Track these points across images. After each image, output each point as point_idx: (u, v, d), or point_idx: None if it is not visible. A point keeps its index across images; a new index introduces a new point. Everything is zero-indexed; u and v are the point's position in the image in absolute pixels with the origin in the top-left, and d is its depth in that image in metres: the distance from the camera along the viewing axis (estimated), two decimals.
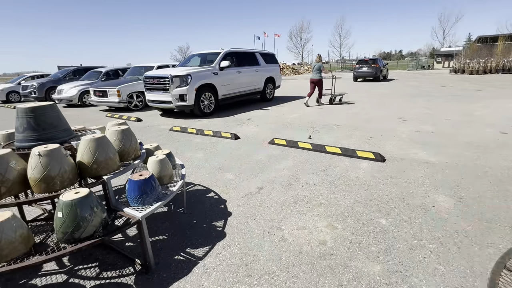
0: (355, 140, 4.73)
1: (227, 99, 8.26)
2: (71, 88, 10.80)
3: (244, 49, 9.31)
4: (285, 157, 3.97)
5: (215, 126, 6.24)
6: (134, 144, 2.20)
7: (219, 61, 7.88)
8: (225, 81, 7.97)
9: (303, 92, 12.75)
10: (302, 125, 6.05)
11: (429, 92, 11.20)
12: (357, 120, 6.35)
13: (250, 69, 9.13)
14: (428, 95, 10.14)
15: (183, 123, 6.72)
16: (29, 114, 1.82)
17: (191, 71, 7.15)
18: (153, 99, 7.52)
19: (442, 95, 10.14)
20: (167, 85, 7.05)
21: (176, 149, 4.58)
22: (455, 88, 12.44)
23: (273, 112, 7.88)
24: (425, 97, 9.65)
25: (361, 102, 9.16)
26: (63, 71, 14.19)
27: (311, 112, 7.61)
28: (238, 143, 4.83)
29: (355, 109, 7.76)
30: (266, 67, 9.95)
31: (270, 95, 10.40)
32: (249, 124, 6.39)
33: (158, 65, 10.06)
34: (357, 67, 18.81)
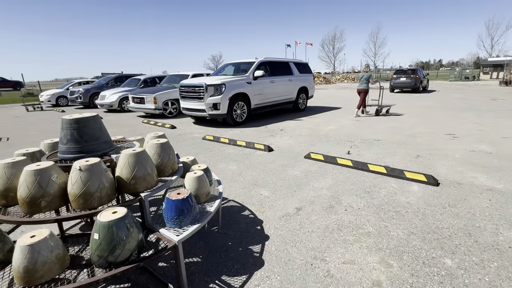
0: (399, 158, 4.32)
1: (260, 109, 8.16)
2: (112, 94, 11.43)
3: (278, 59, 9.20)
4: (324, 174, 3.70)
5: (247, 137, 6.13)
6: (172, 158, 2.11)
7: (253, 71, 7.83)
8: (258, 90, 7.90)
9: (336, 102, 12.31)
10: (338, 138, 5.73)
11: (478, 105, 10.22)
12: (399, 135, 5.88)
13: (284, 78, 8.98)
14: (478, 109, 9.23)
15: (215, 132, 6.70)
16: (73, 126, 1.80)
17: (225, 80, 7.16)
18: (187, 107, 7.64)
19: (494, 109, 9.18)
20: (201, 93, 7.12)
21: (209, 160, 4.50)
22: (508, 102, 11.25)
23: (307, 123, 7.62)
24: (474, 111, 8.78)
25: (403, 115, 8.56)
26: (106, 78, 15.15)
27: (347, 124, 7.23)
28: (272, 155, 4.64)
29: (396, 123, 7.24)
30: (300, 77, 9.75)
31: (303, 105, 10.15)
32: (282, 135, 6.19)
33: (193, 73, 10.30)
34: (394, 77, 17.90)
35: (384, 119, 7.90)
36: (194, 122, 8.24)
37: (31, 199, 1.50)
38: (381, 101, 8.66)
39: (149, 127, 7.73)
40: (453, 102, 11.48)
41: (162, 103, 9.20)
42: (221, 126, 7.47)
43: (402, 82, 17.23)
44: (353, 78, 41.90)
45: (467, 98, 13.01)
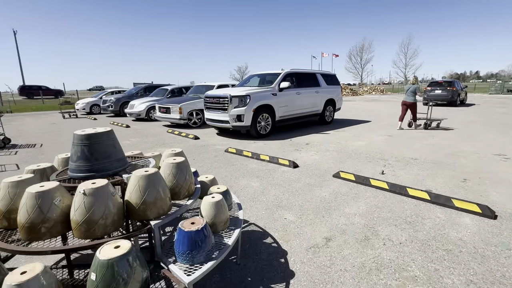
0: (443, 181, 3.82)
1: (284, 121, 7.90)
2: (140, 103, 11.78)
3: (305, 70, 8.95)
4: (356, 198, 3.32)
5: (271, 150, 5.87)
6: (189, 179, 1.90)
7: (279, 82, 7.63)
8: (283, 102, 7.66)
9: (364, 116, 11.71)
10: (370, 155, 5.29)
11: (494, 119, 9.18)
12: (439, 153, 5.31)
13: (310, 90, 8.68)
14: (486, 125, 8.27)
15: (238, 144, 6.52)
16: (84, 142, 1.66)
17: (250, 91, 7.01)
18: (211, 118, 7.57)
19: None
20: (226, 104, 7.02)
21: (231, 174, 4.29)
22: None
23: (334, 137, 7.21)
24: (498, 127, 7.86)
25: (439, 130, 7.87)
26: (136, 88, 15.77)
27: (378, 140, 6.73)
28: (297, 172, 4.33)
29: (434, 139, 6.61)
30: (327, 89, 9.40)
31: (330, 118, 9.74)
32: (308, 150, 5.85)
33: (218, 84, 10.33)
34: (428, 89, 16.85)
35: (421, 135, 7.28)
36: (217, 133, 8.14)
37: (30, 224, 1.35)
38: (430, 114, 8.25)
39: (173, 137, 7.74)
40: (497, 118, 10.44)
41: (187, 113, 9.26)
42: (244, 138, 7.29)
43: (438, 94, 16.16)
44: (382, 90, 40.40)
45: (502, 111, 11.82)
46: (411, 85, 8.06)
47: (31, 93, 33.06)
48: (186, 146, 6.48)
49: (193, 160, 5.19)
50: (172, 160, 1.88)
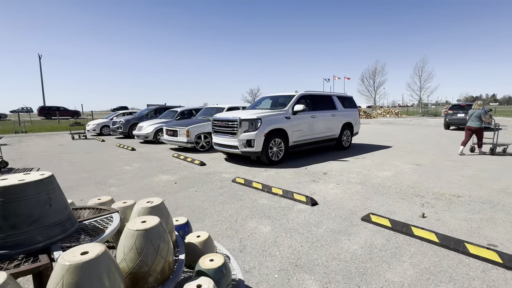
0: (506, 231, 2.99)
1: (298, 146, 7.24)
2: (148, 125, 11.47)
3: (320, 92, 8.40)
4: (397, 255, 2.55)
5: (284, 181, 5.17)
6: (166, 254, 1.24)
7: (293, 105, 7.07)
8: (297, 126, 7.05)
9: (383, 140, 10.87)
10: (401, 190, 4.49)
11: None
12: (483, 189, 4.46)
13: (326, 113, 8.07)
14: None
15: (247, 173, 5.86)
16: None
17: (262, 114, 6.46)
18: (219, 143, 7.01)
19: None
20: (235, 128, 6.47)
21: (237, 213, 3.60)
22: None
23: (354, 165, 6.45)
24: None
25: (473, 159, 6.97)
26: (146, 109, 15.65)
27: (406, 169, 5.92)
28: (316, 212, 3.59)
29: (471, 170, 5.75)
30: (344, 112, 8.77)
31: (347, 143, 9.01)
32: (327, 181, 5.12)
33: (228, 106, 9.90)
34: (450, 113, 15.97)
35: (454, 164, 6.42)
36: (225, 159, 7.54)
37: None
38: (497, 139, 7.77)
39: (178, 162, 7.18)
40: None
41: (195, 137, 8.77)
42: (254, 165, 6.64)
43: (461, 118, 15.19)
44: (397, 113, 39.40)
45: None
46: (476, 110, 7.63)
47: (50, 114, 34.03)
48: (190, 173, 5.87)
49: (195, 192, 4.54)
50: (138, 227, 1.22)
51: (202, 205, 3.94)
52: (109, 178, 5.59)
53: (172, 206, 3.92)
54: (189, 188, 4.81)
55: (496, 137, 7.78)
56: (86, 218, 1.41)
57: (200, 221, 3.39)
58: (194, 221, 3.39)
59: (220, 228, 3.17)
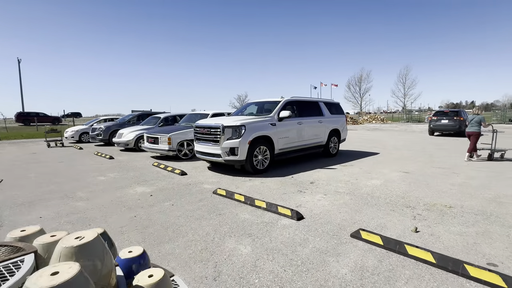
0: (504, 246, 2.78)
1: (284, 154, 6.97)
2: (129, 132, 10.95)
3: (307, 98, 8.21)
4: (391, 279, 2.27)
5: (269, 191, 4.86)
6: None
7: (278, 111, 6.82)
8: (283, 133, 6.79)
9: (370, 146, 10.77)
10: (390, 200, 4.27)
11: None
12: (475, 198, 4.30)
13: (313, 120, 7.87)
14: None
15: (231, 183, 5.52)
16: None
17: (246, 121, 6.16)
18: (201, 151, 6.64)
19: None
20: (217, 136, 6.13)
21: (215, 231, 3.24)
22: None
23: (342, 173, 6.23)
24: None
25: (460, 166, 6.90)
26: (128, 115, 15.07)
27: (394, 178, 5.74)
28: (302, 228, 3.29)
29: (459, 178, 5.63)
30: (331, 118, 8.60)
31: (334, 150, 8.82)
32: (314, 191, 4.85)
33: (213, 112, 9.56)
34: (434, 119, 16.19)
35: (442, 171, 6.30)
36: (209, 167, 7.17)
37: None
38: (495, 144, 7.91)
39: (157, 171, 6.75)
40: None
41: (177, 144, 8.37)
42: (238, 174, 6.30)
43: (444, 124, 15.45)
44: (382, 119, 40.13)
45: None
46: (475, 115, 7.84)
47: (28, 120, 32.55)
48: (168, 184, 5.47)
49: (171, 206, 4.16)
50: (45, 279, 0.86)
51: (177, 221, 3.56)
52: (78, 191, 5.12)
53: (143, 223, 3.52)
54: (165, 201, 4.42)
55: (494, 142, 7.87)
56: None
57: (172, 241, 3.01)
58: (165, 241, 3.01)
59: (194, 250, 2.81)
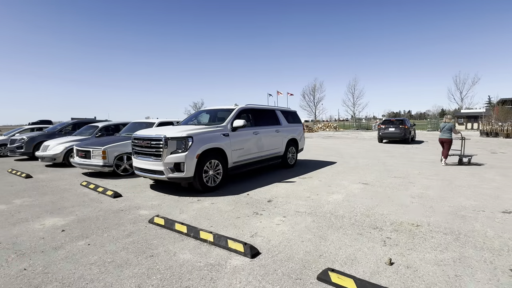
0: (487, 278, 2.41)
1: (240, 167, 6.26)
2: (57, 144, 9.22)
3: (263, 106, 7.67)
4: None
5: (220, 215, 4.08)
6: None
7: (232, 120, 6.12)
8: (238, 144, 6.10)
9: (327, 154, 10.66)
10: (356, 221, 3.81)
11: (488, 161, 8.93)
12: (437, 212, 4.08)
13: (270, 129, 7.33)
14: (493, 166, 7.86)
15: (174, 206, 4.60)
16: None
17: (194, 131, 5.33)
18: (140, 167, 5.59)
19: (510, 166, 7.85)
20: (159, 149, 5.18)
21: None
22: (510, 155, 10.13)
23: (301, 187, 5.73)
24: (493, 169, 7.37)
25: (413, 174, 6.95)
26: (61, 124, 13.00)
27: (356, 191, 5.41)
28: (258, 272, 2.58)
29: (415, 188, 5.52)
30: (288, 127, 8.19)
31: (293, 160, 8.40)
32: (272, 212, 4.20)
33: (160, 121, 8.49)
34: (382, 127, 17.08)
35: (399, 181, 6.20)
36: (152, 185, 6.12)
37: None
38: (463, 150, 8.57)
39: (84, 194, 5.49)
40: None
41: (114, 158, 7.12)
42: (185, 193, 5.40)
43: (392, 132, 16.35)
44: (335, 127, 42.15)
45: None
46: (447, 123, 8.37)
47: None
48: (93, 212, 4.34)
49: (86, 247, 3.12)
50: None
51: (87, 273, 2.57)
52: None
53: (33, 281, 2.46)
54: (80, 239, 3.35)
55: (463, 148, 8.54)
56: None
57: None
58: None
59: None
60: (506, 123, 22.06)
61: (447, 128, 8.28)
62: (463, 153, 8.46)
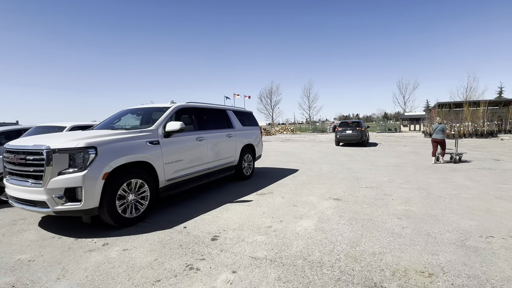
0: None
1: (177, 186, 4.64)
2: None
3: (209, 105, 6.13)
4: None
5: (127, 280, 2.45)
6: None
7: (164, 122, 4.49)
8: (173, 155, 4.48)
9: (288, 160, 9.52)
10: (340, 270, 2.52)
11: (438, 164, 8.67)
12: (443, 243, 3.03)
13: (219, 134, 5.85)
14: (459, 168, 7.49)
15: (54, 263, 2.82)
16: None
17: (98, 139, 3.57)
18: (14, 195, 3.62)
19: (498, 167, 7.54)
20: (39, 167, 3.33)
21: None
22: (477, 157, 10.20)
23: (260, 210, 4.35)
24: (462, 172, 6.92)
25: (384, 182, 6.07)
26: None
27: (328, 213, 4.20)
28: None
29: (396, 202, 4.53)
30: (243, 131, 6.79)
31: (249, 170, 7.02)
32: (215, 262, 2.71)
33: (72, 125, 6.39)
34: (339, 130, 16.68)
35: (373, 193, 5.20)
36: (43, 219, 4.16)
37: None
38: (457, 149, 9.18)
39: None
40: (415, 158, 9.88)
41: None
42: (89, 230, 3.61)
43: (349, 135, 16.02)
44: (292, 130, 42.29)
45: (420, 153, 11.91)
46: (439, 125, 8.78)
47: None
48: None
49: None
50: None
51: None
52: None
53: None
54: None
55: (456, 147, 9.20)
56: None
57: None
58: None
59: None
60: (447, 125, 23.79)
61: (439, 129, 8.62)
62: (456, 152, 8.99)
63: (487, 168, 7.70)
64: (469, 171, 7.42)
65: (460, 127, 23.46)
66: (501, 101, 28.81)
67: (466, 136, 22.96)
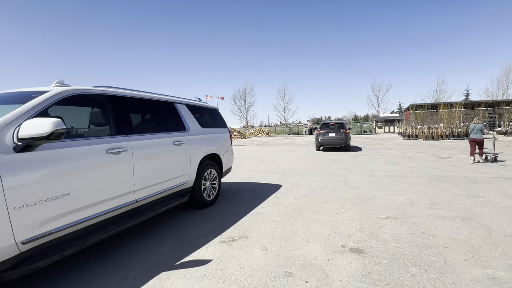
0: None
1: (60, 247, 2.31)
2: None
3: (142, 93, 3.81)
4: None
5: None
6: None
7: (17, 122, 2.16)
8: (41, 184, 2.16)
9: (264, 170, 7.33)
10: None
11: (436, 167, 7.10)
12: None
13: (160, 140, 3.59)
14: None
15: None
16: None
17: None
18: None
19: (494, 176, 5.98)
20: None
21: None
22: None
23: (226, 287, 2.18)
24: (489, 184, 5.28)
25: (406, 206, 4.18)
26: None
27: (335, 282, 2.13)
28: None
29: (461, 258, 2.62)
30: (203, 135, 4.58)
31: (213, 193, 4.80)
32: None
33: None
34: (321, 132, 14.67)
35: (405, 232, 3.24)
36: None
37: None
38: (494, 149, 8.92)
39: None
40: (413, 165, 8.28)
41: None
42: None
43: (333, 138, 14.09)
44: (267, 132, 40.57)
45: (413, 157, 10.46)
46: (476, 124, 8.62)
47: None
48: None
49: None
50: None
51: None
52: None
53: None
54: None
55: (494, 147, 8.93)
56: None
57: None
58: None
59: None
60: (424, 126, 23.29)
61: (477, 129, 8.50)
62: (494, 151, 8.72)
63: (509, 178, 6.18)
64: (492, 182, 5.82)
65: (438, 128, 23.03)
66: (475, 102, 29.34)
67: (443, 137, 22.56)
